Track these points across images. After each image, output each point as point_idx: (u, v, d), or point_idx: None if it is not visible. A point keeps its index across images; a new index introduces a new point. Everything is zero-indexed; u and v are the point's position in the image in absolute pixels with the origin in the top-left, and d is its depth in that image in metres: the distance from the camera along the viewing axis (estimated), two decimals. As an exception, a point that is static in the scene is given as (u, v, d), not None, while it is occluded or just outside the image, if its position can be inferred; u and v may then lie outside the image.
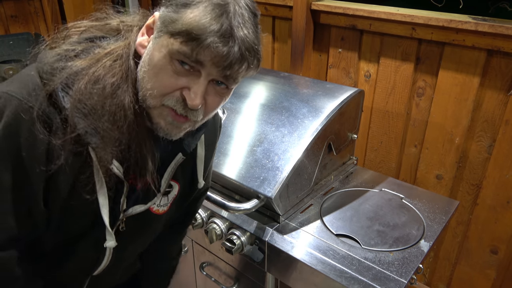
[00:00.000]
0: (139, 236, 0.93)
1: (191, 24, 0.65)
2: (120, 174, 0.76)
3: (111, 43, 0.75)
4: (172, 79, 0.69)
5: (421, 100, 1.70)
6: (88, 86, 0.68)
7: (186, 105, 0.71)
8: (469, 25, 1.45)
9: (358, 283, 1.08)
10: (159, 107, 0.72)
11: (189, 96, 0.70)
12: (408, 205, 1.40)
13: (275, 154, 1.30)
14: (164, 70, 0.69)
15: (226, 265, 1.48)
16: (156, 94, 0.70)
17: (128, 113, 0.71)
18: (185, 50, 0.66)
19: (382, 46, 1.74)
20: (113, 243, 0.82)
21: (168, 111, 0.72)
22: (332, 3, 1.81)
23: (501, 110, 1.51)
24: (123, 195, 0.80)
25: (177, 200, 0.96)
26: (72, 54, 0.72)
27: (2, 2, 2.51)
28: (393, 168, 1.87)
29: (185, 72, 0.69)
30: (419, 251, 1.19)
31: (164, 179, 0.86)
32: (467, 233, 1.73)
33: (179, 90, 0.70)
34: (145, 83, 0.71)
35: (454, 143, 1.66)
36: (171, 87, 0.70)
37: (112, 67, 0.71)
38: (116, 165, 0.74)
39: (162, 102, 0.71)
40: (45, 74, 0.69)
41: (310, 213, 1.36)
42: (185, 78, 0.69)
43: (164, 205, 0.92)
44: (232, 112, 1.49)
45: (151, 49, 0.70)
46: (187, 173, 0.95)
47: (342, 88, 1.50)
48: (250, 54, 0.68)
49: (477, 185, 1.65)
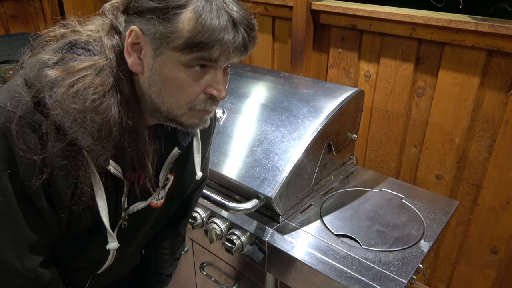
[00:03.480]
0: (140, 231, 0.94)
1: (196, 30, 0.64)
2: (119, 174, 0.76)
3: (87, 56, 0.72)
4: (195, 86, 0.70)
5: (421, 100, 1.70)
6: (74, 93, 0.67)
7: (214, 100, 0.73)
8: (469, 25, 1.45)
9: (358, 283, 1.08)
10: (188, 112, 0.73)
11: (216, 92, 0.71)
12: (408, 205, 1.40)
13: (275, 154, 1.30)
14: (184, 82, 0.69)
15: (226, 265, 1.48)
16: (182, 105, 0.72)
17: (114, 126, 0.69)
18: (202, 55, 0.66)
19: (382, 46, 1.74)
20: (115, 244, 0.83)
21: (198, 112, 0.74)
22: (332, 3, 1.81)
23: (501, 110, 1.51)
24: (123, 194, 0.80)
25: (176, 193, 0.96)
26: (52, 62, 0.70)
27: (2, 2, 2.51)
28: (393, 168, 1.87)
29: (202, 73, 0.70)
30: (419, 251, 1.19)
31: (162, 173, 0.87)
32: (467, 233, 1.73)
33: (203, 92, 0.71)
34: (165, 98, 0.71)
35: (454, 143, 1.66)
36: (196, 94, 0.71)
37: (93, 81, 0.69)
38: (113, 165, 0.74)
39: (190, 108, 0.72)
40: (32, 83, 0.68)
41: (310, 213, 1.36)
42: (204, 79, 0.70)
43: (161, 198, 0.93)
44: (232, 112, 1.49)
45: (158, 68, 0.68)
46: (183, 165, 0.95)
47: (342, 88, 1.50)
48: (252, 30, 0.69)
49: (477, 185, 1.65)
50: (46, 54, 0.71)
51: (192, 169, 0.97)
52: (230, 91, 1.58)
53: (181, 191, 0.99)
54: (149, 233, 1.00)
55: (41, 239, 0.75)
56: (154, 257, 1.14)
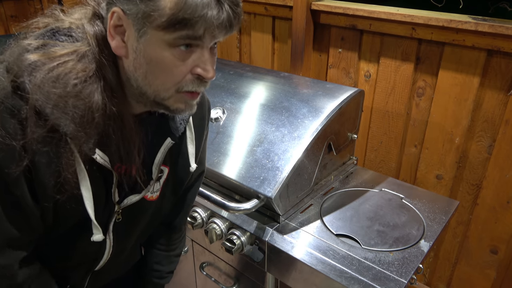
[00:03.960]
0: (136, 225, 0.92)
1: (178, 6, 0.62)
2: (107, 164, 0.74)
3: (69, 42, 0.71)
4: (181, 67, 0.68)
5: (421, 100, 1.70)
6: (54, 78, 0.66)
7: (202, 80, 0.71)
8: (469, 25, 1.45)
9: (358, 283, 1.08)
10: (175, 95, 0.71)
11: (203, 72, 0.69)
12: (408, 205, 1.40)
13: (275, 154, 1.30)
14: (170, 62, 0.67)
15: (226, 265, 1.48)
16: (169, 87, 0.70)
17: (97, 112, 0.68)
18: (186, 33, 0.64)
19: (382, 46, 1.74)
20: (100, 236, 0.80)
21: (185, 95, 0.72)
22: (332, 3, 1.81)
23: (501, 110, 1.51)
24: (113, 186, 0.78)
25: (171, 185, 0.95)
26: (32, 47, 0.68)
27: (2, 2, 2.52)
28: (393, 168, 1.87)
29: (188, 53, 0.68)
30: (419, 251, 1.19)
31: (155, 165, 0.85)
32: (467, 233, 1.73)
33: (189, 72, 0.69)
34: (152, 80, 0.69)
35: (454, 143, 1.66)
36: (183, 75, 0.69)
37: (75, 66, 0.68)
38: (100, 155, 0.72)
39: (177, 89, 0.70)
40: (11, 68, 0.67)
41: (310, 213, 1.36)
42: (190, 58, 0.68)
43: (156, 191, 0.90)
44: (232, 112, 1.49)
45: (142, 50, 0.67)
46: (177, 157, 0.93)
47: (342, 88, 1.50)
48: (237, 5, 0.68)
49: (477, 185, 1.65)
50: (27, 40, 0.69)
51: (187, 161, 0.94)
52: (230, 91, 1.58)
53: (176, 184, 0.96)
54: (147, 229, 0.98)
55: (23, 235, 0.72)
56: (153, 254, 1.12)
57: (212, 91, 1.60)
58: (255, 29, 2.18)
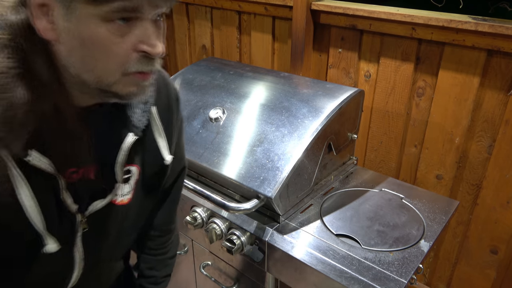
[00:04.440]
0: (108, 234, 0.82)
1: None
2: (48, 167, 0.65)
3: None
4: (121, 44, 0.60)
5: (421, 100, 1.70)
6: None
7: (149, 58, 0.63)
8: (469, 25, 1.45)
9: (358, 283, 1.08)
10: (122, 79, 0.63)
11: (149, 48, 0.61)
12: (408, 205, 1.41)
13: (275, 154, 1.30)
14: (106, 39, 0.59)
15: (226, 265, 1.48)
16: (113, 69, 0.61)
17: (20, 109, 0.59)
18: (120, 5, 0.56)
19: (382, 46, 1.74)
20: (55, 246, 0.71)
21: (134, 77, 0.63)
22: (332, 3, 1.81)
23: (501, 110, 1.51)
24: (61, 192, 0.69)
25: (146, 186, 0.85)
26: None
27: (2, 2, 2.51)
28: (393, 168, 1.87)
29: (127, 27, 0.60)
30: (419, 251, 1.19)
31: (118, 164, 0.75)
32: (467, 233, 1.73)
33: (133, 49, 0.61)
34: (91, 64, 0.61)
35: (454, 143, 1.66)
36: (125, 53, 0.61)
37: None
38: (36, 156, 0.63)
39: (123, 72, 0.62)
40: None
41: (310, 213, 1.36)
42: (131, 34, 0.60)
43: (127, 193, 0.81)
44: (232, 112, 1.49)
45: (73, 29, 0.58)
46: (146, 153, 0.83)
47: (342, 88, 1.50)
48: None
49: (477, 185, 1.65)
50: None
51: (159, 155, 0.84)
52: (230, 91, 1.58)
53: (152, 183, 0.87)
54: (125, 235, 0.88)
55: None
56: (144, 259, 1.05)
57: (212, 91, 1.60)
58: (255, 29, 2.18)
